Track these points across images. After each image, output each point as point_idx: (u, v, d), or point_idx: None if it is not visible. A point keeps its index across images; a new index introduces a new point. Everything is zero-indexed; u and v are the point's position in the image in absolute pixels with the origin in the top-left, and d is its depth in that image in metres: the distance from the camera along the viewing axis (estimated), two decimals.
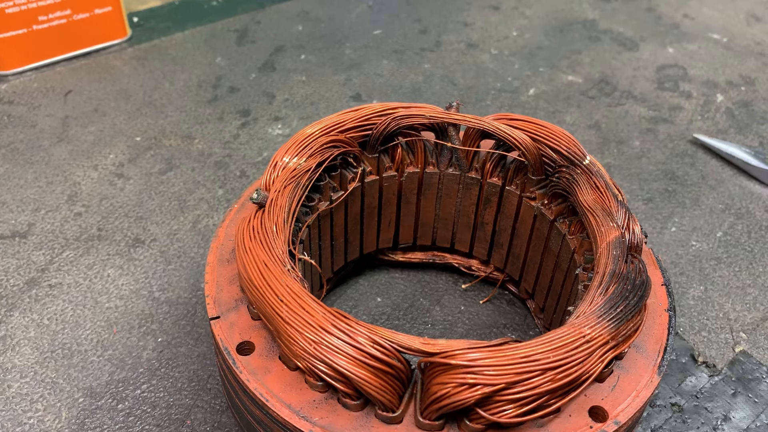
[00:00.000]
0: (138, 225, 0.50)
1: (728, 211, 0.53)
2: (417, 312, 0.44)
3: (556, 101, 0.66)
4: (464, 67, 0.71)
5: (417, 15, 0.81)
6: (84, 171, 0.55)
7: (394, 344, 0.26)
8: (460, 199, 0.42)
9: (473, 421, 0.26)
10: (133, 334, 0.42)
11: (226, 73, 0.68)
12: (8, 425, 0.37)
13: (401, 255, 0.46)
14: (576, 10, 0.84)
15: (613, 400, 0.28)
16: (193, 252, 0.48)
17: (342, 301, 0.45)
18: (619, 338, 0.28)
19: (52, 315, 0.43)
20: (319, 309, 0.28)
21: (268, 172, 0.35)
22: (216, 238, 0.36)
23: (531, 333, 0.43)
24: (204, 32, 0.75)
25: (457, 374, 0.26)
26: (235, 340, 0.30)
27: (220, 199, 0.53)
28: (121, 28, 0.71)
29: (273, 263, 0.30)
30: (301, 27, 0.77)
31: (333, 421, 0.27)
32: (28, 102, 0.62)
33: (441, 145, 0.40)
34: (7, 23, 0.63)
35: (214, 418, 0.37)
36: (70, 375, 0.39)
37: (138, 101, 0.63)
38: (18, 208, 0.51)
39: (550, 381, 0.26)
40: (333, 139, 0.37)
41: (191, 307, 0.44)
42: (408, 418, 0.28)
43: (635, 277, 0.30)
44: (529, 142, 0.37)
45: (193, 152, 0.57)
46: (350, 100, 0.65)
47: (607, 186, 0.35)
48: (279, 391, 0.28)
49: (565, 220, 0.37)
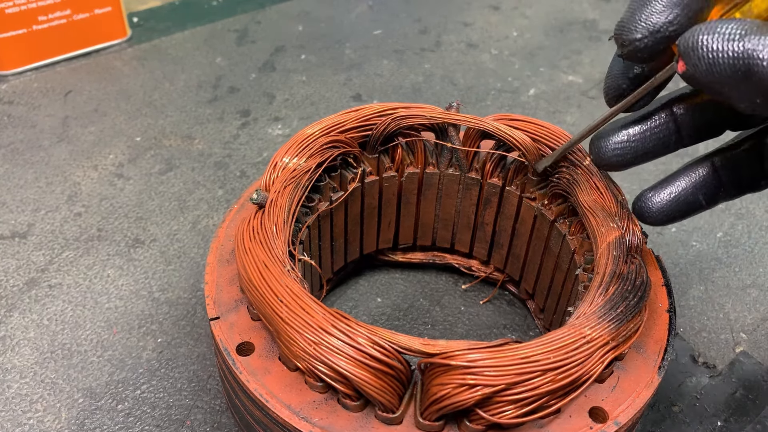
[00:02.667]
0: (138, 225, 0.50)
1: (728, 212, 0.53)
2: (417, 312, 0.44)
3: (557, 101, 0.66)
4: (464, 67, 0.71)
5: (417, 15, 0.81)
6: (84, 171, 0.55)
7: (394, 345, 0.26)
8: (460, 200, 0.42)
9: (473, 422, 0.26)
10: (133, 334, 0.42)
11: (226, 73, 0.68)
12: (8, 426, 0.37)
13: (401, 255, 0.46)
14: (576, 10, 0.84)
15: (613, 401, 0.28)
16: (193, 252, 0.48)
17: (342, 302, 0.45)
18: (620, 339, 0.28)
19: (52, 315, 0.43)
20: (319, 309, 0.28)
21: (268, 172, 0.35)
22: (216, 238, 0.36)
23: (531, 334, 0.43)
24: (204, 32, 0.75)
25: (457, 375, 0.25)
26: (235, 340, 0.30)
27: (220, 200, 0.53)
28: (121, 28, 0.71)
29: (273, 264, 0.30)
30: (301, 27, 0.77)
31: (333, 422, 0.27)
32: (28, 102, 0.62)
33: (441, 146, 0.40)
34: (7, 23, 0.63)
35: (214, 418, 0.37)
36: (70, 375, 0.39)
37: (138, 101, 0.63)
38: (18, 208, 0.51)
39: (551, 382, 0.26)
40: (333, 140, 0.37)
41: (191, 307, 0.44)
42: (408, 418, 0.27)
43: (635, 277, 0.30)
44: (529, 143, 0.37)
45: (193, 152, 0.57)
46: (350, 100, 0.65)
47: (607, 186, 0.35)
48: (279, 392, 0.28)
49: (565, 220, 0.37)
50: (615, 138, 0.32)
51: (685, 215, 0.33)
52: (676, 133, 0.32)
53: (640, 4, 0.26)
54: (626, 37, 0.27)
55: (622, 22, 0.27)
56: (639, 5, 0.26)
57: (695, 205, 0.33)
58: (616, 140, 0.32)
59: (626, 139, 0.32)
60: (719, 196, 0.33)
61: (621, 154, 0.32)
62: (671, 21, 0.26)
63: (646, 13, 0.26)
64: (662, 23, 0.26)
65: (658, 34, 0.26)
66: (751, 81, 0.23)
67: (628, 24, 0.27)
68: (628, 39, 0.27)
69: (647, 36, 0.26)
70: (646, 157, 0.32)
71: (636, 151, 0.32)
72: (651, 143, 0.32)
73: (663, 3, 0.26)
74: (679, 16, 0.26)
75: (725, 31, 0.23)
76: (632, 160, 0.32)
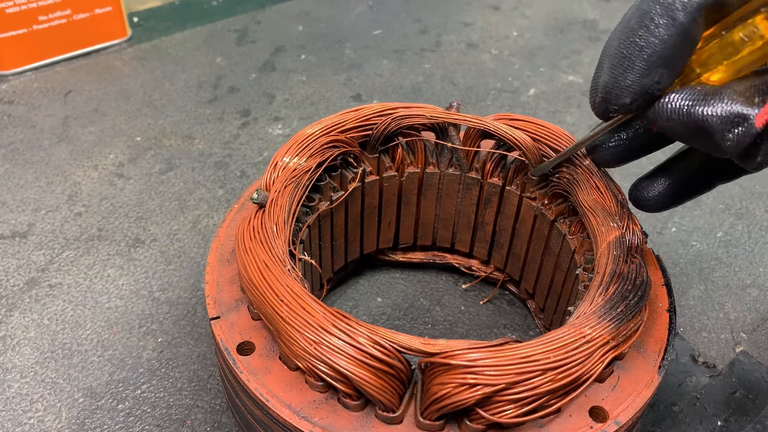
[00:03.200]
0: (138, 225, 0.50)
1: (728, 211, 0.53)
2: (417, 312, 0.44)
3: (557, 101, 0.66)
4: (464, 67, 0.71)
5: (417, 15, 0.81)
6: (84, 171, 0.55)
7: (394, 344, 0.26)
8: (460, 199, 0.42)
9: (473, 422, 0.26)
10: (133, 334, 0.42)
11: (226, 73, 0.68)
12: (8, 425, 0.37)
13: (401, 255, 0.46)
14: (576, 10, 0.84)
15: (613, 401, 0.28)
16: (193, 252, 0.48)
17: (342, 301, 0.45)
18: (620, 338, 0.28)
19: (52, 315, 0.43)
20: (320, 309, 0.28)
21: (269, 172, 0.35)
22: (216, 238, 0.36)
23: (531, 333, 0.43)
24: (204, 32, 0.75)
25: (458, 374, 0.26)
26: (236, 340, 0.30)
27: (220, 199, 0.53)
28: (121, 28, 0.71)
29: (273, 263, 0.30)
30: (301, 27, 0.77)
31: (333, 422, 0.27)
32: (28, 102, 0.62)
33: (441, 145, 0.40)
34: (7, 23, 0.63)
35: (215, 418, 0.37)
36: (70, 375, 0.39)
37: (138, 101, 0.63)
38: (18, 208, 0.51)
39: (551, 381, 0.26)
40: (333, 140, 0.37)
41: (191, 307, 0.44)
42: (408, 418, 0.28)
43: (635, 277, 0.30)
44: (529, 143, 0.37)
45: (194, 152, 0.57)
46: (350, 100, 0.65)
47: (607, 186, 0.35)
48: (279, 392, 0.28)
49: (565, 220, 0.37)
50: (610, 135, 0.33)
51: (681, 200, 0.34)
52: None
53: (621, 69, 0.27)
54: (615, 102, 0.27)
55: (606, 87, 0.27)
56: (621, 70, 0.27)
57: (691, 190, 0.33)
58: (611, 138, 0.33)
59: (621, 137, 0.32)
60: (714, 179, 0.33)
61: (615, 150, 0.33)
62: (658, 81, 0.26)
63: (631, 77, 0.26)
64: (650, 84, 0.26)
65: (646, 95, 0.27)
66: (708, 139, 0.25)
67: (613, 89, 0.27)
68: (617, 103, 0.27)
69: (636, 99, 0.27)
70: (642, 152, 0.33)
71: (630, 146, 0.33)
72: (646, 139, 0.32)
73: (646, 64, 0.26)
74: (664, 75, 0.26)
75: (677, 102, 0.26)
76: (628, 155, 0.33)
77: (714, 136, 0.25)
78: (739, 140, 0.25)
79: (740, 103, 0.25)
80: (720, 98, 0.25)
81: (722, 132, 0.25)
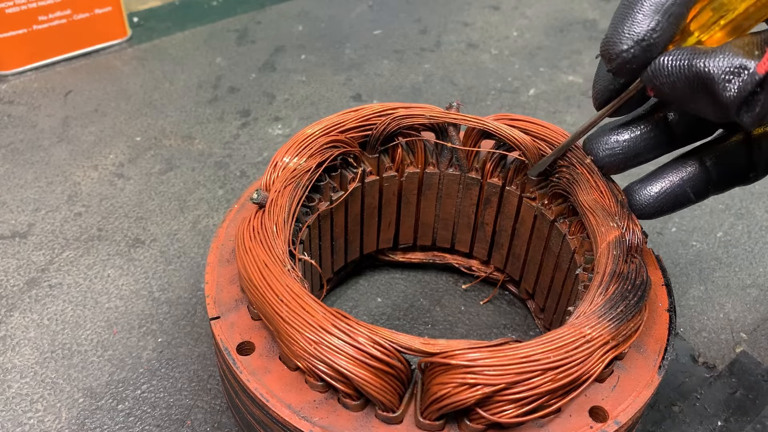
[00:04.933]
0: (138, 225, 0.50)
1: (728, 211, 0.53)
2: (417, 312, 0.44)
3: (557, 101, 0.66)
4: (464, 67, 0.71)
5: (417, 15, 0.81)
6: (84, 171, 0.55)
7: (394, 344, 0.26)
8: (460, 200, 0.42)
9: (473, 422, 0.26)
10: (133, 334, 0.42)
11: (226, 73, 0.68)
12: (8, 425, 0.37)
13: (401, 255, 0.46)
14: (576, 10, 0.84)
15: (613, 401, 0.28)
16: (193, 252, 0.48)
17: (342, 302, 0.45)
18: (620, 338, 0.28)
19: (52, 315, 0.43)
20: (320, 309, 0.28)
21: (268, 172, 0.35)
22: (216, 238, 0.36)
23: (531, 333, 0.43)
24: (204, 32, 0.75)
25: (458, 374, 0.26)
26: (236, 340, 0.30)
27: (220, 200, 0.53)
28: (121, 28, 0.71)
29: (273, 263, 0.30)
30: (301, 27, 0.77)
31: (333, 422, 0.27)
32: (28, 102, 0.62)
33: (441, 146, 0.40)
34: (7, 23, 0.63)
35: (215, 418, 0.37)
36: (70, 375, 0.39)
37: (138, 101, 0.63)
38: (18, 208, 0.51)
39: (551, 381, 0.26)
40: (333, 140, 0.37)
41: (191, 307, 0.44)
42: (408, 418, 0.28)
43: (635, 277, 0.30)
44: (529, 142, 0.37)
45: (193, 152, 0.57)
46: (350, 100, 0.65)
47: (607, 186, 0.35)
48: (279, 392, 0.28)
49: (565, 220, 0.37)
50: (606, 139, 0.33)
51: (674, 209, 0.34)
52: (667, 134, 0.33)
53: (621, 18, 0.27)
54: (613, 50, 0.27)
55: (607, 37, 0.28)
56: (620, 19, 0.27)
57: (684, 199, 0.34)
58: (607, 143, 0.33)
59: (617, 141, 0.33)
60: (708, 189, 0.34)
61: (612, 155, 0.33)
62: (654, 28, 0.27)
63: (629, 24, 0.27)
64: (645, 31, 0.27)
65: (643, 43, 0.27)
66: (708, 94, 0.26)
67: (612, 38, 0.27)
68: (614, 52, 0.27)
69: (633, 46, 0.27)
70: (639, 158, 0.33)
71: (627, 153, 0.33)
72: (642, 144, 0.32)
73: (643, 12, 0.27)
74: (661, 23, 0.27)
75: (678, 55, 0.27)
76: (625, 161, 0.33)
77: (716, 87, 0.25)
78: (740, 89, 0.25)
79: (741, 55, 0.25)
80: (721, 52, 0.26)
81: (724, 83, 0.25)
